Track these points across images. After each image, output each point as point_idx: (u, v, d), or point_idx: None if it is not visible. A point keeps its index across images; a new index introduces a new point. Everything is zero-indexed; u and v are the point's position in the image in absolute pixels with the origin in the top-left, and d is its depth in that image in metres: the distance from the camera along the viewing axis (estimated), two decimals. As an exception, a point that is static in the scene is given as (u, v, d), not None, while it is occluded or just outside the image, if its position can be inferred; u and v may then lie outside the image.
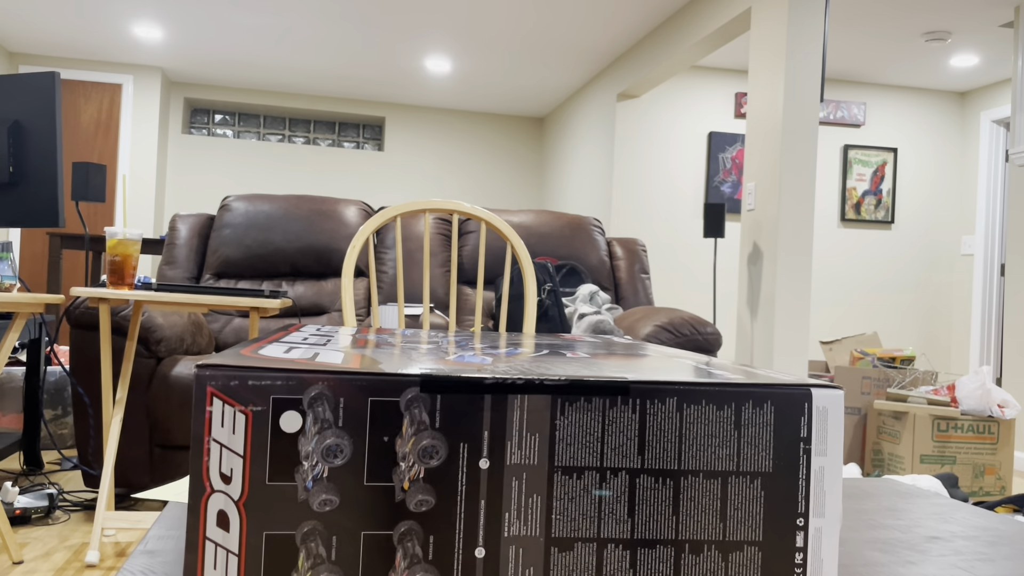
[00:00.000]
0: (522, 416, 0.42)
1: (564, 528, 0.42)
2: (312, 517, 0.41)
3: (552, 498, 0.42)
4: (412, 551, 0.42)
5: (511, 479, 0.42)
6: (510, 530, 0.42)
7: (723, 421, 0.42)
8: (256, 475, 0.41)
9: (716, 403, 0.42)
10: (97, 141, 6.27)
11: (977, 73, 5.71)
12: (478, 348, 0.60)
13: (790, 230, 3.68)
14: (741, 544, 0.42)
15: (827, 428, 0.42)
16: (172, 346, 2.58)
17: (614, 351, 0.65)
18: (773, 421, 0.42)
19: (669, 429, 0.43)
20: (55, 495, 2.39)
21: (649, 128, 5.77)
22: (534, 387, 0.41)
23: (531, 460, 0.42)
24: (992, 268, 5.87)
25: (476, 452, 0.41)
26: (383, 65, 6.11)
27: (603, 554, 0.42)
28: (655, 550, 0.43)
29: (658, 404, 0.42)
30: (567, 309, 2.90)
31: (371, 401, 0.41)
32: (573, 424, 0.42)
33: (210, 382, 0.40)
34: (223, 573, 0.41)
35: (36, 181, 2.04)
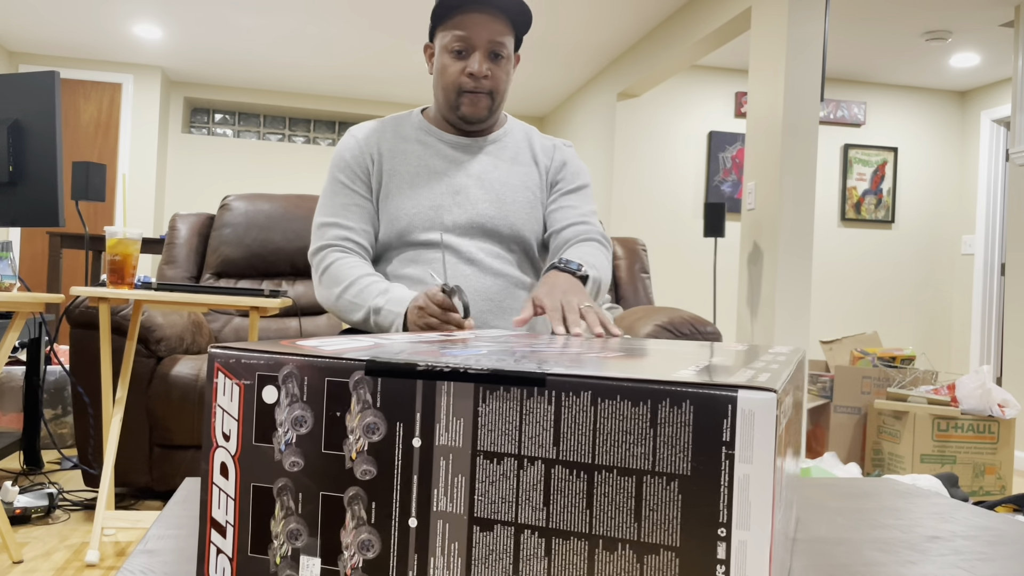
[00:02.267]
0: (449, 401, 0.45)
1: (485, 509, 0.45)
2: (284, 475, 0.49)
3: (475, 480, 0.45)
4: (358, 514, 0.47)
5: (439, 459, 0.45)
6: (438, 505, 0.45)
7: (638, 418, 0.42)
8: (246, 436, 0.50)
9: (631, 399, 0.42)
10: (97, 141, 6.27)
11: (977, 73, 5.71)
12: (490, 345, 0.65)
13: (790, 230, 3.68)
14: (657, 547, 0.41)
15: (754, 433, 0.39)
16: (172, 345, 2.58)
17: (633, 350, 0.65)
18: (692, 422, 0.40)
19: (584, 423, 0.43)
20: (55, 495, 2.39)
21: (649, 128, 5.77)
22: (459, 375, 0.45)
23: (457, 443, 0.45)
24: (992, 268, 5.87)
25: (410, 432, 0.46)
26: (383, 65, 6.11)
27: (520, 538, 0.44)
28: (569, 541, 0.43)
29: (573, 397, 0.43)
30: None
31: (327, 380, 0.48)
32: (494, 412, 0.44)
33: (217, 359, 0.50)
34: (224, 512, 0.50)
35: (36, 181, 2.04)
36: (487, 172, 1.48)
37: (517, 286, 1.48)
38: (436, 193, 1.44)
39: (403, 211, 1.43)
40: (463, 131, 1.50)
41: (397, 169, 1.46)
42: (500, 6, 1.40)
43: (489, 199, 1.45)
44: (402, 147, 1.48)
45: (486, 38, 1.40)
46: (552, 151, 1.56)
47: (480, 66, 1.40)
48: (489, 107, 1.44)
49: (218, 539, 0.50)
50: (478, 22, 1.39)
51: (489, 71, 1.41)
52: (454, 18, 1.40)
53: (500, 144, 1.52)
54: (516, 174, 1.50)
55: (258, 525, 0.49)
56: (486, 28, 1.40)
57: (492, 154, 1.50)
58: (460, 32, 1.40)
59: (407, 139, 1.49)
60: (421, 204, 1.43)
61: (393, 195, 1.44)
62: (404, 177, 1.45)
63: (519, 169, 1.51)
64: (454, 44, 1.40)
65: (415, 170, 1.46)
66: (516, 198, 1.48)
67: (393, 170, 1.46)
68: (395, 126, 1.52)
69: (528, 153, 1.53)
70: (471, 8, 1.40)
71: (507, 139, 1.53)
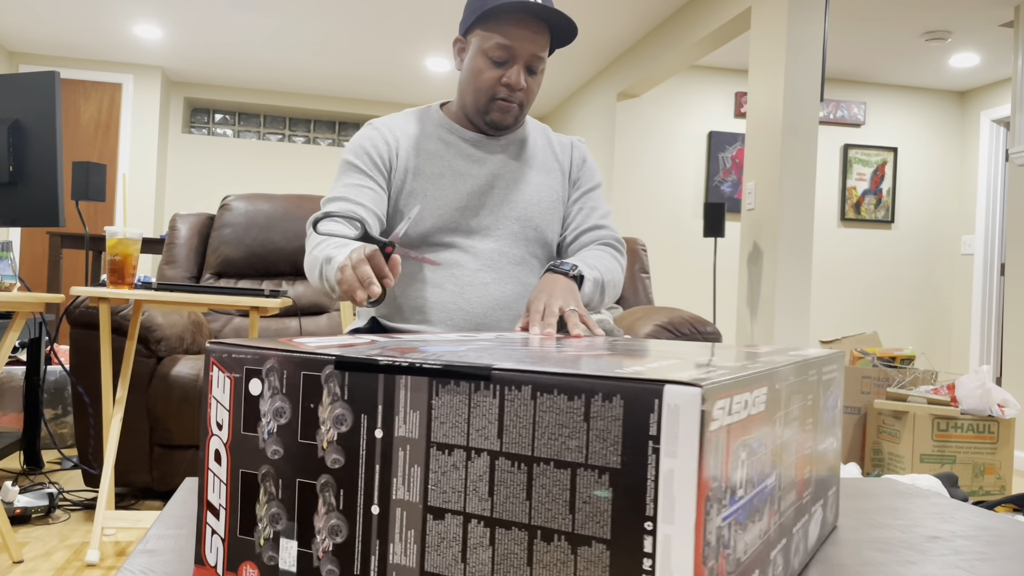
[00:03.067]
0: (406, 395, 0.48)
1: (438, 499, 0.47)
2: (267, 462, 0.52)
3: (429, 470, 0.47)
4: (329, 500, 0.50)
5: (398, 449, 0.48)
6: (397, 494, 0.48)
7: (573, 412, 0.42)
8: (236, 425, 0.54)
9: (567, 393, 0.43)
10: (97, 141, 6.27)
11: (977, 73, 5.71)
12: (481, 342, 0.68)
13: (790, 230, 3.68)
14: (589, 539, 0.42)
15: (678, 428, 0.40)
16: (172, 345, 2.58)
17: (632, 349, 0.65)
18: (622, 416, 0.41)
19: (525, 416, 0.44)
20: (55, 494, 2.39)
21: (649, 128, 5.77)
22: (415, 370, 0.47)
23: (413, 434, 0.48)
24: (992, 268, 5.87)
25: (373, 423, 0.49)
26: (383, 65, 6.11)
27: (467, 528, 0.46)
28: (511, 531, 0.45)
29: (515, 391, 0.44)
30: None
31: (303, 375, 0.51)
32: (446, 405, 0.46)
33: (212, 353, 0.55)
34: (218, 496, 0.55)
35: (36, 181, 2.04)
36: (510, 173, 1.46)
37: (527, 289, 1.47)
38: (461, 195, 1.42)
39: (426, 211, 1.40)
40: (485, 131, 1.48)
41: (422, 169, 1.43)
42: (549, 20, 1.37)
43: (513, 201, 1.44)
44: (425, 145, 1.45)
45: (529, 51, 1.37)
46: (570, 149, 1.55)
47: (519, 78, 1.38)
48: (517, 116, 1.44)
49: (212, 521, 0.55)
50: (524, 35, 1.36)
51: (526, 83, 1.40)
52: (501, 25, 1.36)
53: (520, 144, 1.50)
54: (538, 175, 1.49)
55: (246, 508, 0.53)
56: (531, 42, 1.36)
57: (513, 155, 1.49)
58: (505, 41, 1.36)
59: (429, 136, 1.46)
60: (446, 207, 1.41)
61: (417, 196, 1.42)
62: (428, 178, 1.42)
63: (540, 169, 1.49)
64: (496, 52, 1.37)
65: (439, 171, 1.43)
66: (540, 199, 1.46)
67: (418, 169, 1.43)
68: (417, 121, 1.49)
69: (548, 152, 1.52)
70: (521, 17, 1.36)
71: (526, 137, 1.52)
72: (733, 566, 0.45)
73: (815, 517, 0.66)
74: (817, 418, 0.65)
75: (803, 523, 0.63)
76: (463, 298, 1.38)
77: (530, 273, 1.46)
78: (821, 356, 0.69)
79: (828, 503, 0.72)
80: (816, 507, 0.66)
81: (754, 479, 0.48)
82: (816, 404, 0.64)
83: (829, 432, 0.71)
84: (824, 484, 0.69)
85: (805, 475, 0.63)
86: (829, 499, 0.73)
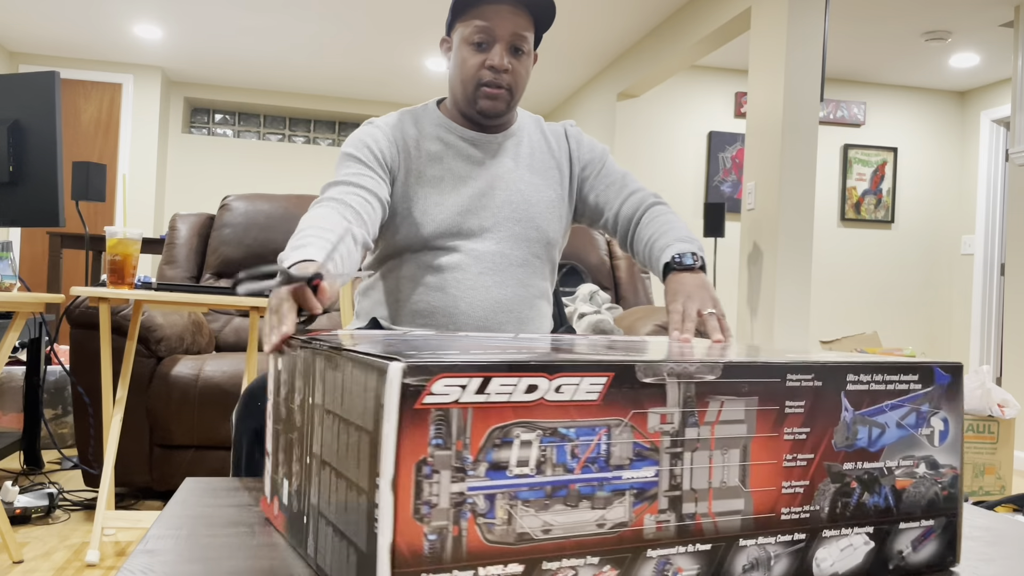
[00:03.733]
0: (323, 369, 0.64)
1: (317, 454, 0.64)
2: (280, 421, 0.76)
3: (322, 429, 0.63)
4: (294, 451, 0.71)
5: (314, 413, 0.65)
6: (315, 449, 0.64)
7: (360, 383, 0.55)
8: (275, 393, 0.80)
9: (360, 369, 0.55)
10: (97, 141, 6.27)
11: (977, 73, 5.71)
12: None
13: (790, 230, 3.68)
14: (355, 484, 0.56)
15: (392, 398, 0.51)
16: (172, 345, 2.57)
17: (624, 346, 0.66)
18: (375, 388, 0.53)
19: (350, 386, 0.57)
20: (55, 494, 2.39)
21: (649, 128, 5.77)
22: (323, 349, 0.64)
23: (317, 401, 0.65)
24: (992, 268, 5.87)
25: (309, 392, 0.67)
26: (383, 65, 6.11)
27: (320, 472, 0.63)
28: (324, 470, 0.62)
29: (352, 368, 0.59)
30: (567, 309, 2.90)
31: (300, 352, 0.72)
32: (337, 379, 0.60)
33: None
34: (269, 443, 0.79)
35: (36, 181, 2.04)
36: (509, 172, 1.45)
37: (537, 296, 1.45)
38: (462, 199, 1.41)
39: (428, 216, 1.39)
40: (481, 126, 1.47)
41: (422, 171, 1.42)
42: (527, 2, 1.38)
43: (514, 201, 1.43)
44: (425, 146, 1.44)
45: (509, 30, 1.36)
46: (564, 138, 1.54)
47: (501, 59, 1.37)
48: (508, 102, 1.41)
49: (267, 462, 0.80)
50: (501, 14, 1.36)
51: (510, 64, 1.38)
52: (478, 7, 1.37)
53: (517, 139, 1.49)
54: (537, 175, 1.48)
55: (274, 455, 0.77)
56: (510, 20, 1.36)
57: (511, 152, 1.47)
58: (482, 23, 1.36)
59: (428, 137, 1.45)
60: (447, 210, 1.40)
61: (418, 199, 1.41)
62: (428, 180, 1.42)
63: (539, 169, 1.48)
64: (475, 36, 1.37)
65: (440, 174, 1.42)
66: (541, 197, 1.45)
67: (418, 171, 1.42)
68: (416, 122, 1.48)
69: (544, 146, 1.51)
70: (497, 1, 1.37)
71: (522, 134, 1.50)
72: (506, 537, 0.53)
73: (836, 542, 0.64)
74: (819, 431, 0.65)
75: (781, 541, 0.63)
76: (464, 302, 1.37)
77: (532, 274, 1.45)
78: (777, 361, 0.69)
79: (887, 535, 0.67)
80: (841, 532, 0.65)
81: (571, 466, 0.55)
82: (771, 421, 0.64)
83: (903, 451, 0.68)
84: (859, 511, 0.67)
85: (793, 490, 0.63)
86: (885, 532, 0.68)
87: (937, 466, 0.68)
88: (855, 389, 0.65)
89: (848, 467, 0.64)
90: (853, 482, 0.64)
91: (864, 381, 0.65)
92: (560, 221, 1.49)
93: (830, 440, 0.64)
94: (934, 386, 0.68)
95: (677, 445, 0.58)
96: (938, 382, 0.68)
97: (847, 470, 0.64)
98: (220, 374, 2.50)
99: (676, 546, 0.58)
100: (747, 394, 0.61)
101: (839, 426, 0.64)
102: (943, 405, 0.69)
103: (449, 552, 0.52)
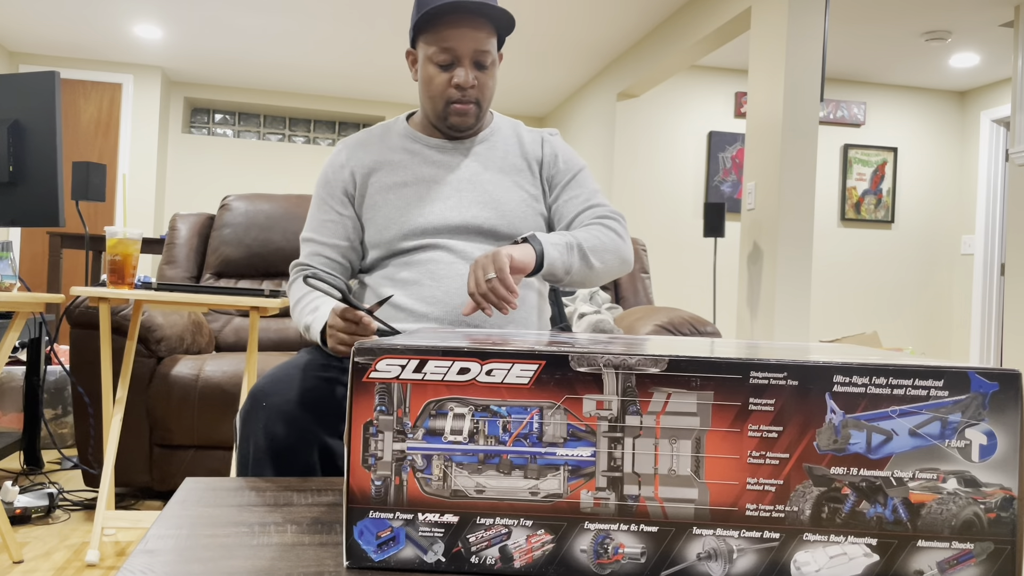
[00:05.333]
0: None
1: None
2: None
3: None
4: None
5: None
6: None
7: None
8: None
9: None
10: (97, 141, 6.27)
11: (977, 73, 5.71)
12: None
13: (790, 230, 3.68)
14: None
15: (358, 372, 0.65)
16: (172, 345, 2.58)
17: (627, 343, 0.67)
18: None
19: None
20: (55, 494, 2.39)
21: (649, 128, 5.77)
22: None
23: None
24: (992, 268, 5.87)
25: None
26: (383, 64, 6.11)
27: None
28: None
29: None
30: (567, 308, 2.90)
31: None
32: None
33: None
34: None
35: (36, 181, 2.04)
36: (477, 175, 1.47)
37: (524, 286, 1.46)
38: (427, 199, 1.44)
39: (392, 220, 1.42)
40: (450, 136, 1.50)
41: (384, 181, 1.46)
42: (483, 14, 1.40)
43: (482, 201, 1.44)
44: (389, 157, 1.48)
45: (471, 47, 1.39)
46: (541, 144, 1.54)
47: (467, 77, 1.40)
48: (477, 115, 1.45)
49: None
50: (462, 33, 1.38)
51: (476, 80, 1.41)
52: (438, 29, 1.40)
53: (488, 144, 1.51)
54: (507, 173, 1.49)
55: None
56: (471, 37, 1.39)
57: (481, 155, 1.49)
58: (445, 44, 1.39)
59: (394, 149, 1.49)
60: (411, 211, 1.43)
61: (380, 206, 1.44)
62: (391, 187, 1.45)
63: (510, 169, 1.49)
64: (440, 57, 1.40)
65: (403, 179, 1.45)
66: (510, 197, 1.46)
67: (380, 182, 1.46)
68: (382, 136, 1.52)
69: (517, 150, 1.52)
70: (454, 18, 1.39)
71: (495, 138, 1.52)
72: (442, 491, 0.64)
73: (810, 549, 0.63)
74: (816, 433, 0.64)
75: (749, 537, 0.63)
76: (441, 290, 1.39)
77: None
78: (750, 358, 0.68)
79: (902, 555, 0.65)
80: (820, 537, 0.63)
81: (503, 439, 0.63)
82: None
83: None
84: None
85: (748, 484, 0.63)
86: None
87: (977, 484, 0.62)
88: (845, 391, 0.63)
89: (837, 471, 0.62)
90: (845, 488, 0.62)
91: (858, 384, 0.63)
92: (536, 217, 1.49)
93: (811, 441, 0.63)
94: (970, 394, 0.63)
95: (616, 430, 0.63)
96: (977, 390, 0.62)
97: (836, 475, 0.62)
98: (220, 374, 2.50)
99: (617, 523, 0.63)
100: (699, 388, 0.62)
101: (824, 428, 0.62)
102: (987, 416, 0.62)
103: (392, 497, 0.64)
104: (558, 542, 0.63)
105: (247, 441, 1.19)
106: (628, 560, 0.63)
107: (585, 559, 0.63)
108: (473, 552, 0.63)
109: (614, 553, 0.63)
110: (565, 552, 0.63)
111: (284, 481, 0.93)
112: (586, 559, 0.63)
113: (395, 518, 0.63)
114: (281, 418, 1.18)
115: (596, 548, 0.63)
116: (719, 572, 0.63)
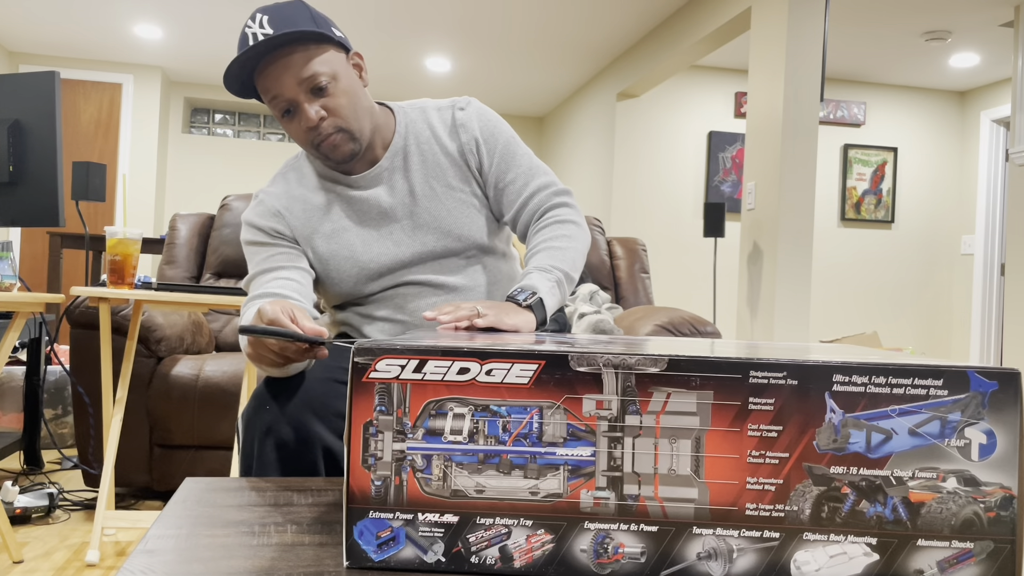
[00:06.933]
0: None
1: None
2: None
3: None
4: None
5: None
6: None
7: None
8: None
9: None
10: (97, 141, 6.27)
11: (977, 73, 5.71)
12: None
13: (790, 230, 3.68)
14: None
15: (358, 373, 0.65)
16: (172, 345, 2.58)
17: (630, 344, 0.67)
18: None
19: None
20: (55, 494, 2.39)
21: (649, 128, 5.77)
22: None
23: None
24: (992, 268, 5.87)
25: None
26: (383, 65, 6.11)
27: None
28: None
29: None
30: (567, 308, 2.90)
31: None
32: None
33: None
34: None
35: (36, 181, 2.04)
36: (405, 197, 1.36)
37: (494, 283, 1.42)
38: (370, 241, 1.35)
39: (344, 272, 1.35)
40: (353, 169, 1.36)
41: (319, 229, 1.35)
42: (282, 44, 1.22)
43: (424, 225, 1.36)
44: (312, 200, 1.36)
45: (293, 85, 1.23)
46: (456, 129, 1.39)
47: (310, 117, 1.24)
48: (350, 138, 1.29)
49: None
50: (274, 75, 1.23)
51: (322, 109, 1.25)
52: (256, 81, 1.25)
53: (403, 155, 1.37)
54: (437, 182, 1.37)
55: None
56: (288, 75, 1.22)
57: (401, 173, 1.37)
58: (269, 94, 1.24)
59: (313, 190, 1.37)
60: (359, 258, 1.34)
61: (328, 258, 1.35)
62: (330, 236, 1.35)
63: (437, 176, 1.37)
64: (277, 107, 1.26)
65: (338, 226, 1.35)
66: (449, 210, 1.36)
67: (316, 230, 1.35)
68: (297, 179, 1.38)
69: (436, 149, 1.38)
70: (262, 65, 1.23)
71: (409, 145, 1.38)
72: (442, 491, 0.63)
73: (813, 549, 0.63)
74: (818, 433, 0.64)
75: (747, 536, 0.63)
76: (409, 315, 1.36)
77: (477, 274, 1.40)
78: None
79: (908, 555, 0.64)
80: (823, 537, 0.64)
81: (503, 439, 0.63)
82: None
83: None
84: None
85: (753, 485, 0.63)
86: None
87: (977, 483, 0.62)
88: (845, 391, 0.62)
89: (837, 471, 0.62)
90: (844, 487, 0.63)
91: (858, 383, 0.63)
92: (479, 214, 1.39)
93: (811, 441, 0.63)
94: (969, 393, 0.62)
95: (616, 430, 0.63)
96: (976, 389, 0.62)
97: (836, 474, 0.62)
98: (220, 374, 2.50)
99: (617, 523, 0.63)
100: (699, 388, 0.62)
101: (823, 427, 0.63)
102: (986, 415, 0.62)
103: (392, 497, 0.64)
104: (558, 542, 0.63)
105: (251, 442, 1.19)
106: (628, 560, 0.63)
107: (585, 559, 0.63)
108: (473, 552, 0.64)
109: (614, 553, 0.63)
110: (565, 552, 0.63)
111: (284, 481, 0.93)
112: (586, 559, 0.63)
113: (395, 518, 0.64)
114: (285, 419, 1.17)
115: (596, 548, 0.63)
116: (719, 572, 0.63)
